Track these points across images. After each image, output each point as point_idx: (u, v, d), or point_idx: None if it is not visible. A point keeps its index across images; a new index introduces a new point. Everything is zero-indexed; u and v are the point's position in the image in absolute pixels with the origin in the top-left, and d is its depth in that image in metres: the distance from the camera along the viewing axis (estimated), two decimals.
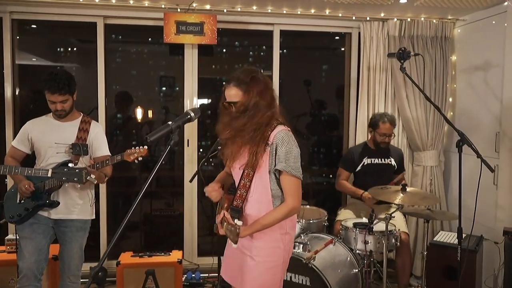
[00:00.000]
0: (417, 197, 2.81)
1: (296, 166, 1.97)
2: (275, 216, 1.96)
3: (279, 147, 1.95)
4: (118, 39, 4.54)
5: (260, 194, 2.00)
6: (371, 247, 3.00)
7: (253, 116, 1.93)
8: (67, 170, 2.09)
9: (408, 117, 3.93)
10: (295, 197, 1.98)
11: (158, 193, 4.97)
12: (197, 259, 4.14)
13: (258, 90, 1.94)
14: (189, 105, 4.04)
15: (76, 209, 2.72)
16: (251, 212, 2.03)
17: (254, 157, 1.94)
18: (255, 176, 1.98)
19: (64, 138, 2.70)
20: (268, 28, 4.06)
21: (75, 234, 2.73)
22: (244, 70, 1.98)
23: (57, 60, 4.76)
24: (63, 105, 2.66)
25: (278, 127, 1.99)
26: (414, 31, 3.92)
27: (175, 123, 1.75)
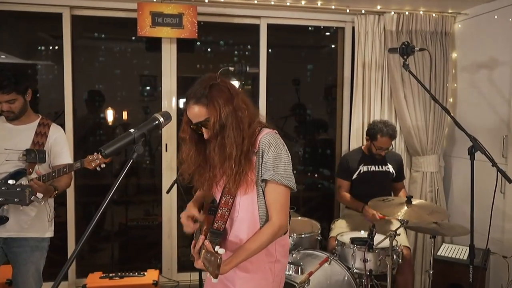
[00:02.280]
0: (424, 211, 2.47)
1: (287, 174, 1.64)
2: (260, 240, 1.61)
3: (265, 153, 1.63)
4: (92, 35, 4.15)
5: (246, 212, 1.66)
6: (370, 266, 2.67)
7: (232, 130, 1.58)
8: (5, 189, 1.70)
9: (407, 119, 3.63)
10: (282, 213, 1.64)
11: (135, 201, 4.57)
12: (176, 275, 3.76)
13: (225, 99, 1.60)
14: (167, 105, 3.65)
15: (31, 226, 2.32)
16: (236, 236, 1.68)
17: (237, 172, 1.59)
18: (239, 192, 1.64)
19: (16, 144, 2.32)
20: (255, 21, 3.71)
21: (30, 255, 2.33)
22: (199, 82, 1.64)
23: (30, 58, 4.36)
24: (10, 106, 2.31)
25: (263, 130, 1.66)
26: (412, 26, 3.61)
27: (139, 131, 1.38)
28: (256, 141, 1.64)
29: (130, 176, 4.55)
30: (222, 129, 1.58)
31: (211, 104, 1.58)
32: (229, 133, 1.58)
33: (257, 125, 1.67)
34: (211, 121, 1.58)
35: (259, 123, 1.69)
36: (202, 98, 1.59)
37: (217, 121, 1.57)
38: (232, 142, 1.57)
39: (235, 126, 1.58)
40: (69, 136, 3.51)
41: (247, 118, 1.63)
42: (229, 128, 1.58)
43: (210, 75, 1.67)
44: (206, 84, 1.61)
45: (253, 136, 1.63)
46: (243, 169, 1.60)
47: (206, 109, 1.58)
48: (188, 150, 1.69)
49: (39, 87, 4.29)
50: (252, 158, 1.62)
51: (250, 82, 4.08)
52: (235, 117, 1.59)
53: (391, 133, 3.17)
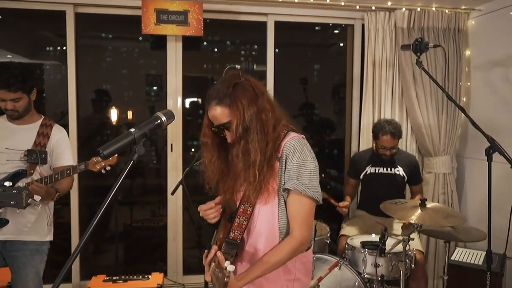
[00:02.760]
0: (440, 215, 2.37)
1: (312, 184, 1.49)
2: (278, 256, 1.47)
3: (289, 160, 1.49)
4: (97, 34, 4.09)
5: (265, 223, 1.53)
6: (382, 271, 2.58)
7: (257, 133, 1.45)
8: (1, 191, 1.63)
9: (418, 119, 3.51)
10: (304, 227, 1.49)
11: (140, 202, 4.50)
12: (182, 278, 3.68)
13: (249, 99, 1.47)
14: (173, 105, 3.58)
15: (30, 228, 2.25)
16: (253, 248, 1.55)
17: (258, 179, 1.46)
18: (259, 201, 1.52)
19: (18, 144, 2.25)
20: (261, 18, 3.62)
21: (30, 259, 2.27)
22: (222, 81, 1.52)
23: (36, 57, 4.31)
24: (15, 105, 2.25)
25: (288, 134, 1.53)
26: (424, 22, 3.50)
27: (140, 131, 1.30)
28: (280, 146, 1.51)
29: (136, 176, 4.49)
30: (246, 133, 1.46)
31: (235, 105, 1.45)
32: (253, 137, 1.45)
33: (283, 128, 1.54)
34: (234, 124, 1.46)
35: (285, 126, 1.56)
36: (225, 99, 1.47)
37: (240, 124, 1.45)
38: (257, 147, 1.45)
39: (260, 129, 1.46)
40: (72, 137, 3.46)
41: (272, 120, 1.50)
42: (253, 132, 1.45)
43: (233, 73, 1.55)
44: (230, 83, 1.49)
45: (277, 140, 1.51)
46: (265, 176, 1.47)
47: (229, 110, 1.47)
48: (210, 156, 1.57)
49: (45, 87, 4.25)
50: (274, 164, 1.49)
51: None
52: (260, 119, 1.47)
53: (393, 131, 3.07)
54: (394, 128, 3.08)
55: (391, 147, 3.10)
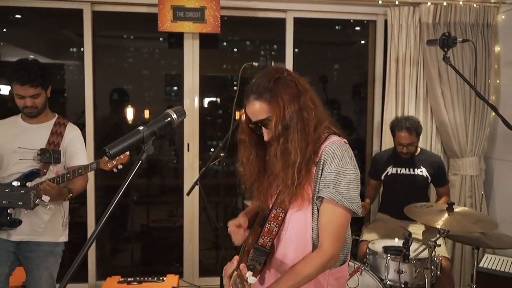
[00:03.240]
0: (469, 220, 2.22)
1: (351, 194, 1.37)
2: (305, 271, 1.36)
3: (327, 165, 1.38)
4: (115, 33, 4.09)
5: (297, 232, 1.42)
6: (406, 278, 2.45)
7: (297, 133, 1.36)
8: (9, 191, 1.58)
9: (444, 118, 3.36)
10: (336, 240, 1.38)
11: (158, 202, 4.48)
12: (198, 280, 3.62)
13: (291, 95, 1.38)
14: (189, 104, 3.52)
15: (44, 229, 2.22)
16: (281, 257, 1.45)
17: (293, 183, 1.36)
18: (292, 205, 1.41)
19: (31, 143, 2.22)
20: (280, 15, 3.52)
21: (43, 260, 2.23)
22: (263, 75, 1.42)
23: (56, 57, 4.34)
24: (34, 101, 2.21)
25: (330, 138, 1.42)
26: (451, 17, 3.34)
27: (148, 129, 1.23)
28: (319, 149, 1.40)
29: (154, 176, 4.47)
30: (285, 131, 1.36)
31: (275, 101, 1.36)
32: (293, 136, 1.36)
33: (324, 130, 1.44)
34: (273, 121, 1.37)
35: (327, 128, 1.45)
36: (265, 93, 1.38)
37: (279, 121, 1.35)
38: (297, 147, 1.35)
39: (300, 128, 1.36)
40: (89, 136, 3.44)
41: (314, 120, 1.40)
42: (293, 131, 1.36)
43: (276, 67, 1.46)
44: (271, 77, 1.39)
45: (317, 143, 1.40)
46: (301, 181, 1.37)
47: (269, 106, 1.37)
48: (248, 154, 1.49)
49: (66, 87, 4.27)
50: (311, 168, 1.39)
51: None
52: (301, 118, 1.37)
53: (408, 127, 2.93)
54: (410, 124, 2.95)
55: (408, 144, 2.96)
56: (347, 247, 1.51)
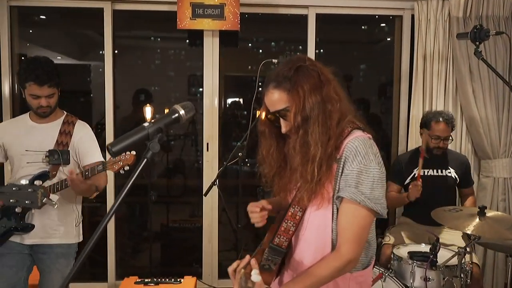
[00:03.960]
0: (502, 225, 2.06)
1: (375, 194, 1.28)
2: (320, 273, 1.27)
3: (348, 163, 1.29)
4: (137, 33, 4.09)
5: (316, 232, 1.34)
6: (433, 286, 2.31)
7: (318, 125, 1.27)
8: (16, 190, 1.56)
9: (475, 116, 3.18)
10: (355, 243, 1.29)
11: (179, 202, 4.45)
12: (217, 282, 3.57)
13: (312, 85, 1.30)
14: (209, 103, 3.46)
15: (56, 231, 2.19)
16: (299, 259, 1.37)
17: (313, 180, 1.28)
18: (311, 204, 1.33)
19: (39, 144, 2.18)
20: (302, 11, 3.42)
21: (55, 262, 2.20)
22: (284, 63, 1.36)
23: (82, 58, 4.39)
24: (49, 101, 2.17)
25: (353, 132, 1.32)
26: (483, 11, 3.17)
27: (154, 125, 1.16)
28: (342, 145, 1.31)
29: (176, 176, 4.45)
30: (305, 123, 1.29)
31: (294, 90, 1.29)
32: (313, 129, 1.28)
33: (348, 124, 1.35)
34: (292, 111, 1.29)
35: (351, 122, 1.36)
36: (284, 82, 1.30)
37: (299, 112, 1.28)
38: (317, 140, 1.27)
39: (322, 121, 1.28)
40: (109, 136, 3.44)
41: (337, 113, 1.31)
42: (314, 123, 1.28)
43: (298, 56, 1.38)
44: (292, 65, 1.32)
45: (339, 138, 1.32)
46: (321, 177, 1.28)
47: (288, 95, 1.30)
48: (268, 147, 1.42)
49: (92, 88, 4.31)
50: (333, 165, 1.30)
51: None
52: (323, 109, 1.29)
53: (447, 118, 2.80)
54: (447, 116, 2.82)
55: (445, 137, 2.81)
56: (371, 250, 1.41)
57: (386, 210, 1.31)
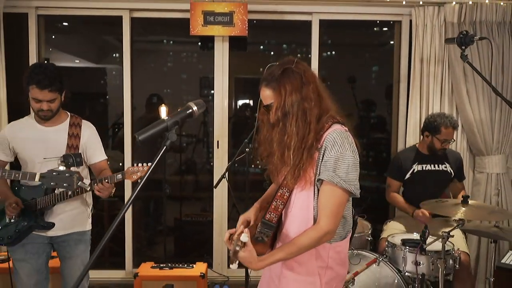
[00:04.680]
0: (483, 211, 2.28)
1: (349, 177, 1.51)
2: (301, 242, 1.51)
3: (327, 151, 1.52)
4: (151, 38, 4.36)
5: (300, 210, 1.59)
6: (423, 270, 2.52)
7: (296, 120, 1.52)
8: (56, 174, 1.81)
9: (469, 116, 3.38)
10: (331, 217, 1.52)
11: (190, 197, 4.71)
12: (226, 270, 3.81)
13: (293, 86, 1.53)
14: (219, 104, 3.72)
15: (73, 221, 2.40)
16: (286, 232, 1.61)
17: (297, 166, 1.53)
18: (297, 186, 1.57)
19: (53, 151, 2.31)
20: (306, 17, 3.66)
21: (74, 248, 2.41)
22: (278, 64, 1.59)
23: (101, 62, 4.68)
24: (50, 105, 2.25)
25: (332, 126, 1.56)
26: (476, 16, 3.36)
27: (172, 119, 1.41)
28: (322, 137, 1.54)
29: (188, 174, 4.71)
30: (285, 117, 1.53)
31: (278, 89, 1.54)
32: (291, 122, 1.52)
33: (328, 119, 1.57)
34: (274, 107, 1.54)
35: (331, 117, 1.59)
36: (272, 82, 1.56)
37: (280, 108, 1.53)
38: (294, 132, 1.51)
39: (300, 116, 1.52)
40: (127, 136, 3.72)
41: (316, 110, 1.55)
42: (292, 118, 1.52)
43: (289, 58, 1.62)
44: (280, 67, 1.57)
45: (320, 131, 1.55)
46: (303, 164, 1.53)
47: (273, 93, 1.55)
48: (265, 132, 1.67)
49: (108, 90, 4.60)
50: (314, 154, 1.54)
51: None
52: (302, 107, 1.52)
53: (454, 123, 3.01)
54: (454, 121, 3.03)
55: (451, 139, 3.03)
56: (347, 224, 1.65)
57: (359, 190, 1.55)
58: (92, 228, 2.55)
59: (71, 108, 2.55)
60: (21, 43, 3.64)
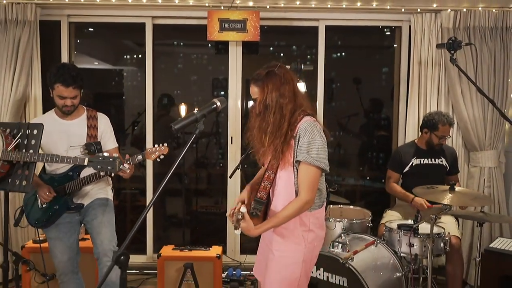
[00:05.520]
0: (468, 197, 2.58)
1: (320, 157, 1.89)
2: (286, 213, 1.90)
3: (301, 138, 1.90)
4: (169, 42, 4.71)
5: (284, 187, 1.95)
6: (416, 251, 2.81)
7: (274, 112, 1.90)
8: (101, 159, 2.14)
9: (464, 114, 3.66)
10: (309, 190, 1.90)
11: (204, 191, 5.06)
12: (239, 256, 4.13)
13: (274, 85, 1.92)
14: (233, 104, 4.04)
15: (97, 194, 2.71)
16: (274, 206, 1.98)
17: (277, 151, 1.90)
18: (279, 168, 1.94)
19: (77, 140, 2.60)
20: (313, 24, 3.98)
21: (98, 209, 2.66)
22: (264, 67, 1.99)
23: (118, 64, 5.04)
24: (73, 101, 2.55)
25: (304, 118, 1.94)
26: (470, 22, 3.65)
27: (200, 112, 1.74)
28: (296, 127, 1.91)
29: (203, 168, 5.06)
30: (266, 109, 1.92)
31: (261, 87, 1.93)
32: (270, 113, 1.90)
33: (301, 113, 1.95)
34: (258, 100, 1.93)
35: (304, 111, 1.96)
36: (258, 80, 1.94)
37: (262, 102, 1.92)
38: (271, 121, 1.89)
39: (277, 109, 1.90)
40: (149, 132, 4.06)
41: (290, 105, 1.92)
42: (271, 110, 1.90)
43: (274, 63, 2.00)
44: (266, 70, 1.96)
45: (294, 123, 1.93)
46: (282, 150, 1.90)
47: (258, 90, 1.94)
48: (253, 121, 2.01)
49: (124, 90, 4.96)
50: (290, 141, 1.92)
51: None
52: (279, 102, 1.91)
53: (450, 121, 3.28)
54: (450, 118, 3.30)
55: (447, 135, 3.31)
56: (322, 195, 2.02)
57: (328, 166, 1.92)
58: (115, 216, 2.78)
59: (93, 106, 2.86)
60: (53, 47, 4.00)
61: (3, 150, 2.30)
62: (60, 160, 2.33)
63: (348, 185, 4.80)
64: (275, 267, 1.97)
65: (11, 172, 2.36)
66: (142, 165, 4.09)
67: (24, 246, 3.26)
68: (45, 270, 3.03)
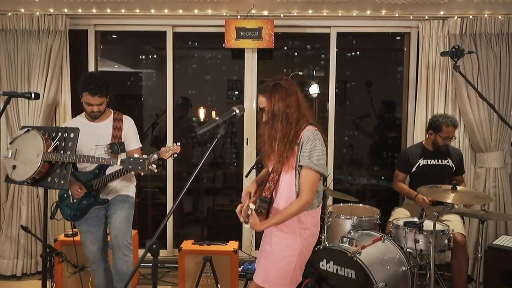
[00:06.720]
0: (469, 196, 2.76)
1: (320, 163, 2.12)
2: (288, 211, 2.12)
3: (304, 145, 2.12)
4: (187, 46, 4.96)
5: (286, 188, 2.18)
6: (421, 246, 2.99)
7: (281, 120, 2.12)
8: (132, 160, 2.39)
9: (470, 117, 3.82)
10: (309, 192, 2.12)
11: (222, 190, 5.30)
12: (254, 252, 4.35)
13: (280, 96, 2.14)
14: (248, 106, 4.26)
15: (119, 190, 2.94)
16: (277, 204, 2.21)
17: (282, 156, 2.12)
18: (283, 171, 2.17)
19: (102, 139, 2.84)
20: (325, 30, 4.17)
21: (118, 205, 2.87)
22: (272, 79, 2.21)
23: (136, 67, 5.31)
24: (100, 108, 2.81)
25: (307, 127, 2.16)
26: (476, 29, 3.79)
27: (222, 119, 1.97)
28: (299, 135, 2.14)
29: (218, 168, 5.30)
30: (274, 117, 2.15)
31: (269, 98, 2.16)
32: (278, 122, 2.13)
33: (304, 122, 2.19)
34: (266, 110, 2.17)
35: (307, 121, 2.20)
36: (266, 91, 2.18)
37: (270, 111, 2.16)
38: (279, 129, 2.13)
39: (284, 118, 2.13)
40: (169, 131, 4.29)
41: (295, 115, 2.15)
42: (278, 119, 2.14)
43: (280, 76, 2.24)
44: (273, 82, 2.19)
45: (298, 131, 2.16)
46: (287, 155, 2.13)
47: (266, 100, 2.17)
48: (263, 129, 2.25)
49: (143, 92, 5.22)
50: (294, 147, 2.15)
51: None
52: (285, 112, 2.14)
53: (454, 122, 3.43)
54: (454, 120, 3.45)
55: (452, 137, 3.45)
56: (319, 197, 2.25)
57: (326, 172, 2.15)
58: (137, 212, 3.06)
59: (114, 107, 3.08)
60: (80, 53, 4.28)
61: (44, 152, 2.56)
62: (95, 161, 2.58)
63: (359, 184, 4.99)
64: (272, 258, 2.21)
65: (50, 171, 2.63)
66: (161, 164, 4.34)
67: (56, 240, 3.54)
68: (77, 262, 3.30)
